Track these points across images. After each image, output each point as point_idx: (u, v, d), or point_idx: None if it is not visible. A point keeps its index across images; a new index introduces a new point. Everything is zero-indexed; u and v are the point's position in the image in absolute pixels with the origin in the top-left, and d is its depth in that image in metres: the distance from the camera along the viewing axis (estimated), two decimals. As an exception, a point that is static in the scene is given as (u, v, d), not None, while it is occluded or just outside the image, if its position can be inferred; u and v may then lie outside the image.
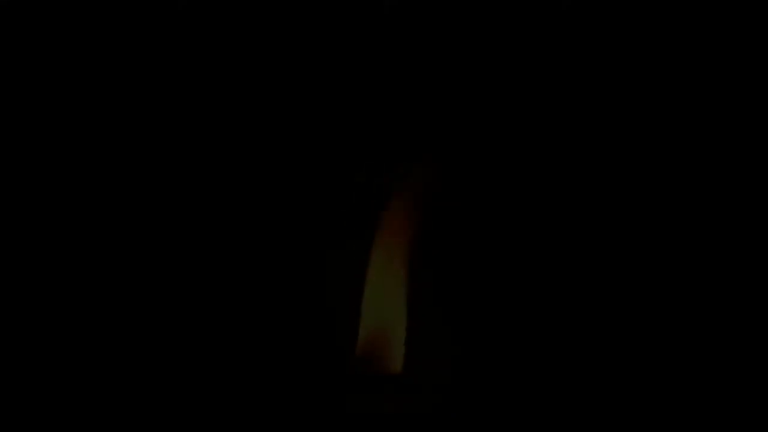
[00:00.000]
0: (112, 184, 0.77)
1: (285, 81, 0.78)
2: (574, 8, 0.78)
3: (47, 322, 0.75)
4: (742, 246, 0.77)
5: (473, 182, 0.77)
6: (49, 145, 0.77)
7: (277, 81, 0.78)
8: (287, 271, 0.75)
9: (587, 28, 0.79)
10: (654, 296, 0.76)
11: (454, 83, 0.79)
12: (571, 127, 0.79)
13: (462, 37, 0.79)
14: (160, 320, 0.74)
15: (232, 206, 0.76)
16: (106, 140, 0.77)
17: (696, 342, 0.76)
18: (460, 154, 0.78)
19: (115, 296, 0.75)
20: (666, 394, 0.74)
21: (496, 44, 0.79)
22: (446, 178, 0.77)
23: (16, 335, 0.74)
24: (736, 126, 0.78)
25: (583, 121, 0.79)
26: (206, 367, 0.72)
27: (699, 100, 0.78)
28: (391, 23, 0.79)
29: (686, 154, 0.78)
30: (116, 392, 0.73)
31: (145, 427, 0.71)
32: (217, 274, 0.75)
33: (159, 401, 0.72)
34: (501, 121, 0.79)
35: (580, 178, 0.78)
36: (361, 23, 0.79)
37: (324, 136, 0.77)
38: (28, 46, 0.78)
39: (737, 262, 0.77)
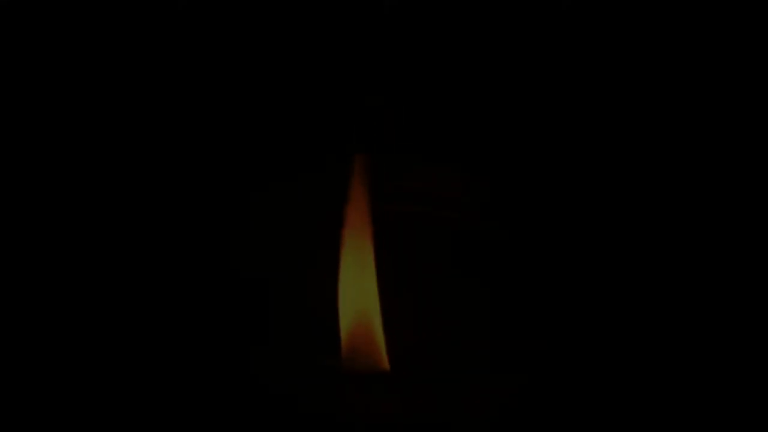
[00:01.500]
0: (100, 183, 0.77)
1: (279, 79, 0.78)
2: (574, 8, 0.78)
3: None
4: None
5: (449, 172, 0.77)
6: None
7: (273, 79, 0.79)
8: (265, 271, 0.75)
9: (587, 28, 0.79)
10: (650, 298, 0.76)
11: (448, 81, 0.79)
12: (568, 127, 0.79)
13: (461, 38, 0.79)
14: (136, 320, 0.74)
15: (203, 205, 0.76)
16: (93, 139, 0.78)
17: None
18: (431, 145, 0.78)
19: (94, 294, 0.75)
20: (665, 396, 0.74)
21: (495, 44, 0.79)
22: (445, 175, 0.77)
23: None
24: (736, 126, 0.78)
25: (581, 122, 0.79)
26: (186, 369, 0.72)
27: (699, 100, 0.78)
28: (391, 23, 0.79)
29: (687, 155, 0.78)
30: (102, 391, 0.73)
31: (132, 427, 0.72)
32: (192, 274, 0.75)
33: (141, 403, 0.72)
34: (490, 118, 0.79)
35: (573, 177, 0.78)
36: (361, 23, 0.79)
37: (297, 134, 0.77)
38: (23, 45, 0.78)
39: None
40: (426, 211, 0.77)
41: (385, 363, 0.67)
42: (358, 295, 0.67)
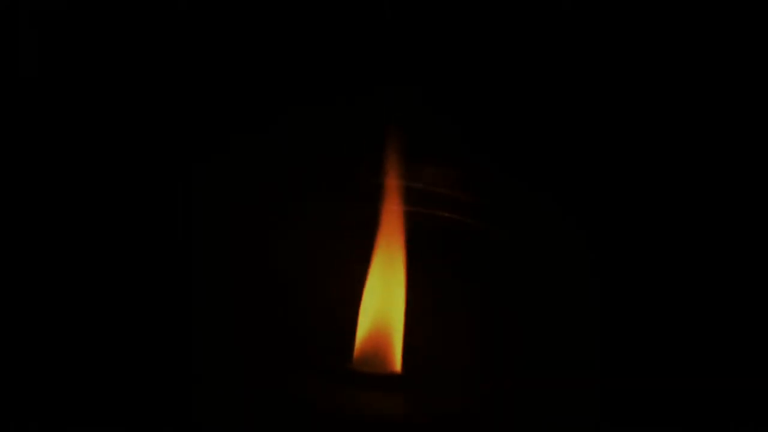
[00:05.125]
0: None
1: (286, 77, 0.79)
2: (574, 9, 0.79)
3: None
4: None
5: (473, 179, 0.77)
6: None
7: (277, 76, 0.79)
8: (284, 269, 0.75)
9: (588, 28, 0.79)
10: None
11: (447, 81, 0.79)
12: (568, 127, 0.79)
13: (462, 38, 0.80)
14: (154, 318, 0.75)
15: (228, 210, 0.76)
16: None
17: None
18: (459, 150, 0.78)
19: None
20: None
21: (495, 44, 0.79)
22: (445, 175, 0.77)
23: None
24: (736, 126, 0.78)
25: (582, 122, 0.79)
26: (201, 366, 0.72)
27: (699, 100, 0.78)
28: (391, 23, 0.79)
29: (686, 154, 0.78)
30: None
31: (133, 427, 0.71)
32: (214, 270, 0.75)
33: (143, 402, 0.72)
34: (502, 121, 0.79)
35: (573, 177, 0.78)
36: (361, 23, 0.79)
37: (325, 135, 0.77)
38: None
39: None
40: (426, 211, 0.77)
41: (397, 365, 0.67)
42: (384, 298, 0.67)
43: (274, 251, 0.74)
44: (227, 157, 0.77)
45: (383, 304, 0.68)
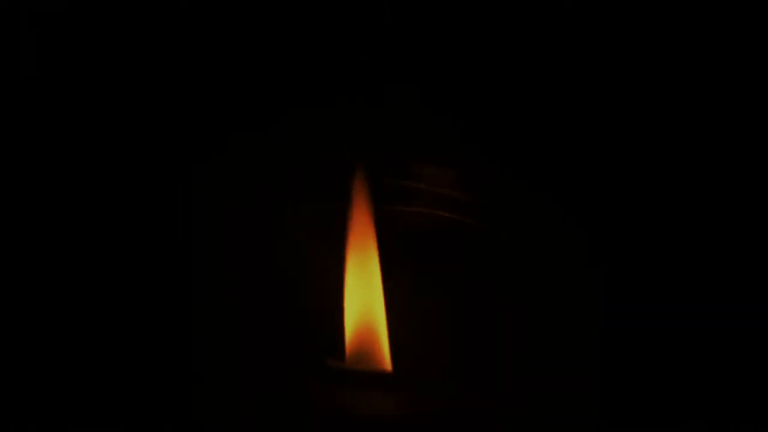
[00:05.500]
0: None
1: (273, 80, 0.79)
2: (574, 9, 0.78)
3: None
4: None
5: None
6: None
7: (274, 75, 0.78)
8: (283, 269, 0.75)
9: (587, 28, 0.79)
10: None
11: (447, 81, 0.79)
12: (568, 126, 0.79)
13: (461, 37, 0.79)
14: (148, 316, 0.74)
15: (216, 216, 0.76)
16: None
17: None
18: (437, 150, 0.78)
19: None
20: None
21: (495, 44, 0.79)
22: (445, 175, 0.77)
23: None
24: (736, 126, 0.78)
25: (582, 121, 0.79)
26: (201, 366, 0.72)
27: (699, 100, 0.78)
28: (391, 22, 0.79)
29: (686, 155, 0.78)
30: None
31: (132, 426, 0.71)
32: (214, 270, 0.75)
33: (141, 403, 0.72)
34: (502, 121, 0.79)
35: (573, 177, 0.78)
36: (361, 23, 0.79)
37: (324, 135, 0.77)
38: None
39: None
40: (426, 211, 0.77)
41: (388, 363, 0.67)
42: (363, 296, 0.67)
43: (274, 251, 0.74)
44: (227, 157, 0.77)
45: (363, 302, 0.68)
